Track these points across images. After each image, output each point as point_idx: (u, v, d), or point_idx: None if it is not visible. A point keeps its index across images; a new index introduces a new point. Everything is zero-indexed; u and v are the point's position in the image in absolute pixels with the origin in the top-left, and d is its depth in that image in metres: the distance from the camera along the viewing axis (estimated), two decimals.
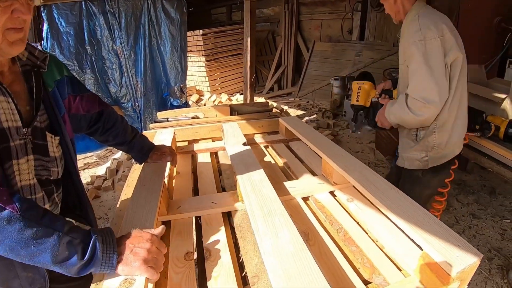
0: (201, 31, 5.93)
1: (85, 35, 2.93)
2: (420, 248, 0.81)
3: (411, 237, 0.83)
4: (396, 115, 1.53)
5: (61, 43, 2.91)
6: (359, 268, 0.87)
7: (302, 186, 1.22)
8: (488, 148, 1.93)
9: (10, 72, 0.83)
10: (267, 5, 7.04)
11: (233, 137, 1.54)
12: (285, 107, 5.59)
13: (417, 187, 1.68)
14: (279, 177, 1.37)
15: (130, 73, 3.16)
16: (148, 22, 3.10)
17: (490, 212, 2.71)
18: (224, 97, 5.15)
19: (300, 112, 5.33)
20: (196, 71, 6.38)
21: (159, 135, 1.67)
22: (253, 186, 1.06)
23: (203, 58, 6.12)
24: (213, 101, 5.59)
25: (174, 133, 1.73)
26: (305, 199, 1.18)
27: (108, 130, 1.21)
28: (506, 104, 2.04)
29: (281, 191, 1.16)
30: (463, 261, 0.74)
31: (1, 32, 0.70)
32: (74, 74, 2.93)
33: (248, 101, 3.46)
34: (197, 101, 5.14)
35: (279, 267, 0.72)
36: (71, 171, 1.01)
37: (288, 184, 1.23)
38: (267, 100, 4.94)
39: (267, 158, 1.59)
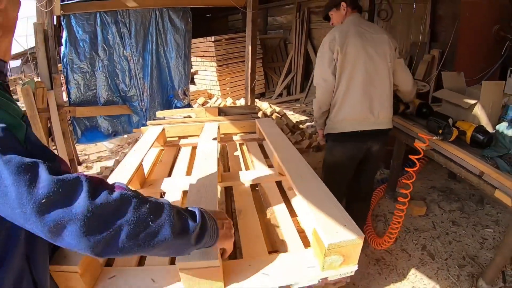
0: (213, 38, 6.20)
1: (99, 42, 3.27)
2: None
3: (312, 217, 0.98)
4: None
5: (78, 49, 3.26)
6: (274, 240, 1.09)
7: (254, 175, 1.46)
8: (453, 153, 1.93)
9: None
10: (280, 13, 7.30)
11: (207, 134, 1.80)
12: (290, 113, 5.80)
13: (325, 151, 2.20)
14: (240, 168, 1.61)
15: (138, 76, 3.49)
16: (156, 31, 3.43)
17: (472, 220, 2.68)
18: (229, 101, 5.40)
19: (304, 118, 5.53)
20: (208, 76, 6.67)
21: (149, 130, 1.96)
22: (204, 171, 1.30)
23: (214, 64, 6.36)
24: (218, 104, 5.85)
25: (163, 129, 2.01)
26: (254, 186, 1.42)
27: None
28: (476, 109, 2.09)
29: (234, 178, 1.41)
30: (339, 236, 0.86)
31: None
32: (88, 76, 3.32)
33: (249, 105, 3.70)
34: (203, 104, 5.42)
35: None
36: None
37: (242, 173, 1.47)
38: (270, 105, 5.16)
39: (237, 153, 1.84)
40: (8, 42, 0.75)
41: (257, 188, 1.42)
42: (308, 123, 5.11)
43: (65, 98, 3.41)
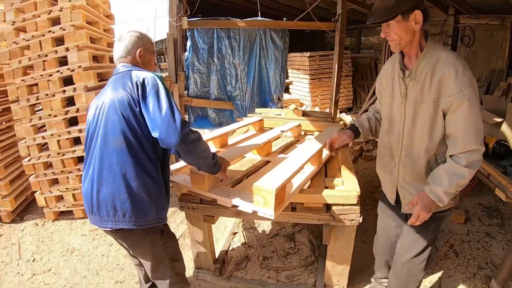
0: (308, 54, 7.09)
1: (215, 51, 4.40)
2: None
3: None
4: (452, 189, 1.48)
5: (198, 55, 4.43)
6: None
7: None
8: None
9: None
10: (372, 34, 7.87)
11: (283, 127, 2.65)
12: None
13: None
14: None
15: (242, 81, 4.54)
16: (259, 46, 4.45)
17: (508, 237, 2.78)
18: (316, 109, 6.13)
19: None
20: (302, 87, 7.58)
21: (250, 117, 2.91)
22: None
23: (308, 77, 7.23)
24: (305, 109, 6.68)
25: (262, 119, 2.94)
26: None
27: None
28: (503, 127, 2.52)
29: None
30: (261, 183, 1.44)
31: None
32: (204, 76, 4.46)
33: (327, 112, 4.45)
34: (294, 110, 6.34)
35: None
36: None
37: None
38: (353, 118, 5.80)
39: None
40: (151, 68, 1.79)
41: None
42: None
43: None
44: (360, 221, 1.83)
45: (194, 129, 1.52)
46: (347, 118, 5.70)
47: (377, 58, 7.65)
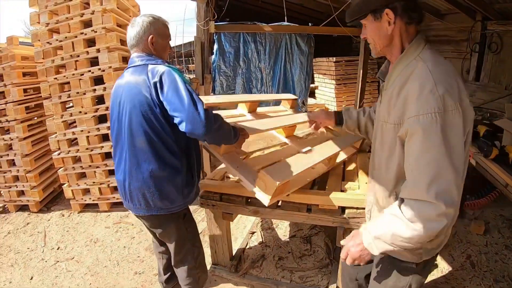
0: (334, 59, 7.09)
1: (241, 55, 4.52)
2: None
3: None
4: (387, 241, 1.11)
5: (225, 58, 4.56)
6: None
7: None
8: (491, 168, 2.48)
9: None
10: None
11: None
12: None
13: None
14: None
15: (268, 84, 4.64)
16: (285, 51, 4.54)
17: None
18: None
19: None
20: (327, 92, 7.59)
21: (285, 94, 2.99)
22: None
23: (333, 82, 7.22)
24: None
25: (296, 98, 3.00)
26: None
27: None
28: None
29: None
30: (265, 173, 1.56)
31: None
32: (230, 79, 4.59)
33: None
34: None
35: None
36: None
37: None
38: None
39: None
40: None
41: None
42: None
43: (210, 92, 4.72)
44: None
45: (215, 112, 1.68)
46: None
47: None
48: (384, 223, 1.13)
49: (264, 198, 1.61)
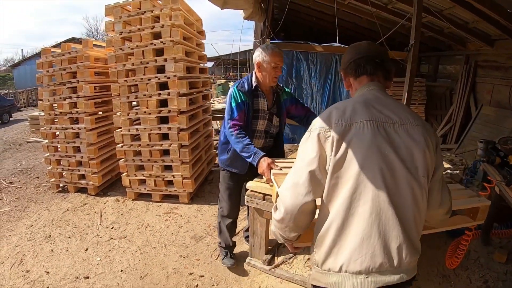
0: None
1: (293, 71, 5.05)
2: None
3: None
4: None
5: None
6: None
7: None
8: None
9: (268, 91, 2.74)
10: (450, 63, 7.99)
11: None
12: None
13: None
14: None
15: (317, 101, 5.13)
16: (335, 70, 5.02)
17: None
18: None
19: (447, 166, 6.20)
20: None
21: None
22: None
23: None
24: None
25: None
26: None
27: (307, 120, 2.85)
28: None
29: None
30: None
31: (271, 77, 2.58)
32: None
33: None
34: None
35: None
36: (279, 133, 2.92)
37: None
38: None
39: None
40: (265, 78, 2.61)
41: None
42: (448, 171, 5.82)
43: None
44: None
45: (240, 133, 2.49)
46: None
47: (453, 88, 7.71)
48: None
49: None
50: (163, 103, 4.17)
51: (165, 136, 4.26)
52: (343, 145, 1.18)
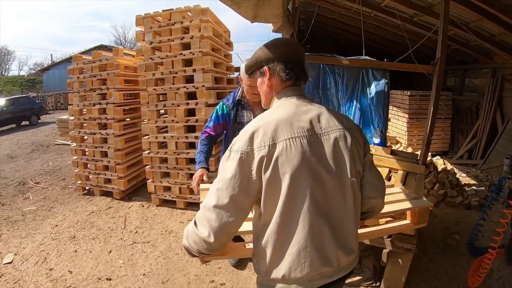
0: (408, 92, 7.41)
1: (320, 84, 5.07)
2: None
3: None
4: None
5: (304, 86, 5.16)
6: None
7: None
8: None
9: (256, 104, 2.65)
10: (476, 76, 7.89)
11: None
12: (463, 175, 6.45)
13: None
14: None
15: (345, 114, 5.14)
16: (362, 82, 5.03)
17: None
18: (409, 150, 6.43)
19: (472, 182, 6.13)
20: (399, 125, 7.90)
21: None
22: None
23: (406, 116, 7.51)
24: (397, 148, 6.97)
25: None
26: None
27: None
28: None
29: None
30: None
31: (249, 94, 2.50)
32: None
33: (422, 157, 4.77)
34: (388, 147, 6.64)
35: None
36: None
37: None
38: (445, 162, 6.03)
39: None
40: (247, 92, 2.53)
41: None
42: (473, 187, 5.75)
43: None
44: (416, 251, 2.37)
45: (204, 140, 2.63)
46: (439, 161, 5.96)
47: (479, 102, 7.62)
48: None
49: None
50: (191, 112, 4.31)
51: (192, 145, 4.39)
52: (270, 166, 1.18)
